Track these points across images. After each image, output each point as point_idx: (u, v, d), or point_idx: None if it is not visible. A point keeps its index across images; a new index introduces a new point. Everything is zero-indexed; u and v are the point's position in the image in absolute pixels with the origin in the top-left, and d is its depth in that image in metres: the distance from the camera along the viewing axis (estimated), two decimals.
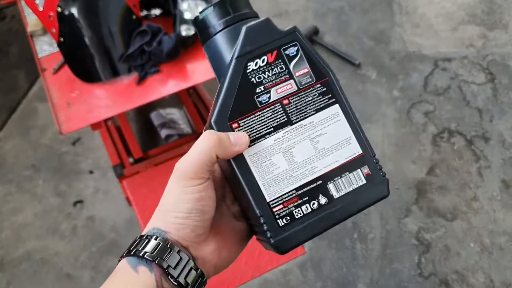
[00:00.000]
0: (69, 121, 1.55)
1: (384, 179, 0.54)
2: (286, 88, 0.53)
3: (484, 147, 2.27)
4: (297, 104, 0.53)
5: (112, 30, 1.65)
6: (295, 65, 0.54)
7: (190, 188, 0.49)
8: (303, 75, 0.54)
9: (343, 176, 0.53)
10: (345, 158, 0.53)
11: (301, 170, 0.52)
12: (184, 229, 0.49)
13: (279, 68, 0.54)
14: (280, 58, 0.54)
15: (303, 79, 0.54)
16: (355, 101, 2.54)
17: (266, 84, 0.53)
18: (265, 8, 3.12)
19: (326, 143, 0.53)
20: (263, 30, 0.54)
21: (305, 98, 0.54)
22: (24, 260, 2.09)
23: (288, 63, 0.54)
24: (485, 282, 1.87)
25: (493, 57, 2.69)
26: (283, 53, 0.54)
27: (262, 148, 0.52)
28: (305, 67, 0.54)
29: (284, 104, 0.53)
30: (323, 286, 1.91)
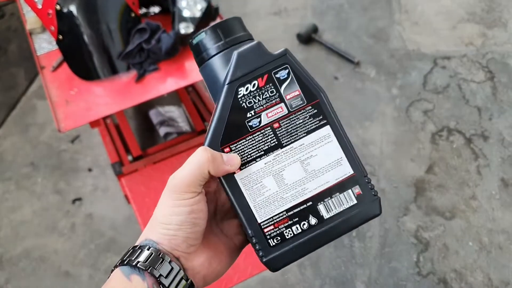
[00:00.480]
0: (68, 119, 1.55)
1: (376, 198, 0.55)
2: (276, 112, 0.54)
3: (483, 146, 2.27)
4: (287, 127, 0.54)
5: (111, 27, 1.65)
6: (286, 88, 0.54)
7: (182, 201, 0.50)
8: (294, 97, 0.54)
9: (334, 197, 0.54)
10: (335, 179, 0.54)
11: (291, 192, 0.53)
12: (175, 240, 0.50)
13: (270, 92, 0.54)
14: (271, 81, 0.54)
15: (294, 102, 0.54)
16: (354, 99, 2.54)
17: (256, 108, 0.54)
18: (265, 6, 3.12)
19: (317, 164, 0.54)
20: (254, 54, 0.54)
21: (296, 121, 0.54)
22: (23, 258, 2.09)
23: (279, 87, 0.54)
24: (483, 280, 1.87)
25: (492, 56, 2.68)
26: (273, 77, 0.54)
27: (253, 171, 0.53)
28: (296, 90, 0.55)
29: (274, 127, 0.54)
30: (321, 284, 1.91)
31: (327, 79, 2.65)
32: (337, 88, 2.61)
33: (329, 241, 0.54)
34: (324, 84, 2.62)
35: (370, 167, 2.23)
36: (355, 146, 2.12)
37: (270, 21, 3.05)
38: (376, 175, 2.20)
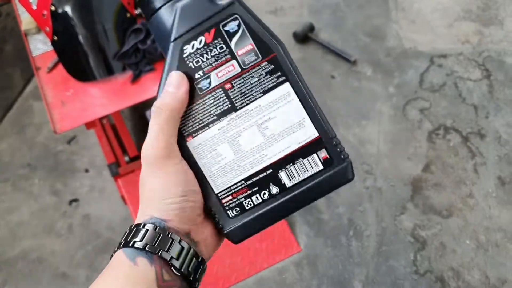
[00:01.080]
0: (64, 120, 1.55)
1: (346, 161, 0.50)
2: (228, 71, 0.49)
3: (480, 144, 2.27)
4: (241, 87, 0.49)
5: (106, 28, 1.64)
6: (237, 43, 0.49)
7: (172, 168, 0.47)
8: (247, 53, 0.49)
9: (296, 163, 0.49)
10: (298, 143, 0.49)
11: (249, 159, 0.49)
12: (184, 212, 0.47)
13: (219, 48, 0.49)
14: (219, 36, 0.49)
15: (247, 58, 0.49)
16: (351, 98, 2.53)
17: (205, 68, 0.49)
18: (261, 4, 3.12)
19: (276, 128, 0.49)
20: (199, 6, 0.48)
21: (250, 80, 0.49)
22: (20, 259, 2.09)
23: (229, 41, 0.49)
24: (480, 279, 1.88)
25: (488, 54, 2.68)
26: (222, 30, 0.49)
27: (206, 138, 0.49)
28: (249, 44, 0.49)
29: (226, 88, 0.49)
30: (319, 283, 1.91)
31: (323, 78, 2.65)
32: (333, 87, 2.60)
33: (294, 211, 0.50)
34: (321, 83, 2.62)
35: (367, 165, 2.23)
36: (352, 145, 2.12)
37: (266, 19, 3.02)
38: (373, 174, 2.20)
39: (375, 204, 2.10)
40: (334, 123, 2.41)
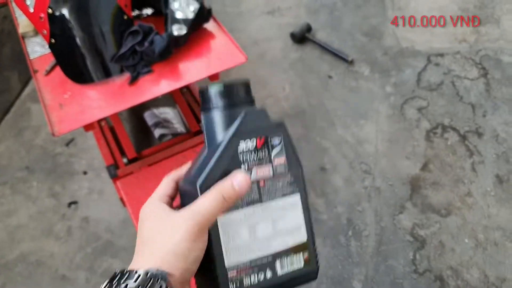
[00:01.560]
0: (62, 123, 1.55)
1: (317, 266, 0.60)
2: (264, 172, 0.59)
3: (478, 142, 2.28)
4: (269, 187, 0.59)
5: (104, 30, 1.64)
6: (276, 154, 0.60)
7: (202, 238, 0.53)
8: (280, 164, 0.60)
9: (288, 257, 0.59)
10: (294, 242, 0.59)
11: (259, 245, 0.58)
12: (187, 273, 0.52)
13: (263, 153, 0.59)
14: (266, 144, 0.59)
15: (279, 168, 0.60)
16: (349, 97, 2.54)
17: (250, 164, 0.58)
18: (259, 6, 3.12)
19: (284, 226, 0.59)
20: (258, 117, 0.60)
21: (277, 184, 0.59)
22: (19, 262, 2.09)
23: (271, 151, 0.60)
24: (479, 277, 1.88)
25: (485, 52, 2.69)
26: (269, 141, 0.60)
27: (233, 219, 0.57)
28: (283, 157, 0.60)
29: (260, 185, 0.58)
30: (318, 283, 1.91)
31: (321, 78, 2.66)
32: (331, 87, 2.61)
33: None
34: (318, 83, 2.62)
35: (365, 165, 2.23)
36: (350, 145, 2.13)
37: (264, 20, 3.05)
38: (372, 173, 2.20)
39: (373, 204, 2.10)
40: (332, 123, 2.42)
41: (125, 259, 2.03)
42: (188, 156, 1.99)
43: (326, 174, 2.22)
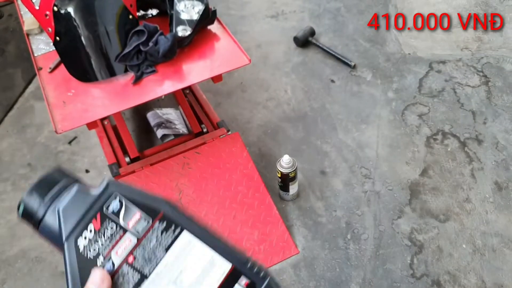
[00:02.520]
0: (65, 120, 1.56)
1: (267, 279, 0.51)
2: (125, 246, 0.50)
3: (477, 149, 2.29)
4: (143, 255, 0.49)
5: (109, 29, 1.66)
6: (125, 217, 0.50)
7: None
8: (137, 222, 0.50)
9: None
10: (217, 280, 0.49)
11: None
12: None
13: (110, 229, 0.50)
14: (106, 218, 0.50)
15: (139, 226, 0.50)
16: (351, 102, 2.55)
17: (103, 252, 0.49)
18: (263, 9, 3.14)
19: (191, 277, 0.49)
20: (78, 200, 0.51)
21: (149, 245, 0.50)
22: (19, 258, 2.09)
23: (117, 219, 0.50)
24: (477, 283, 1.89)
25: (487, 60, 2.70)
26: (107, 212, 0.50)
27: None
28: (136, 213, 0.51)
29: (129, 262, 0.49)
30: (316, 286, 1.92)
31: (323, 82, 2.67)
32: (333, 91, 2.62)
33: None
34: (321, 87, 2.63)
35: (366, 169, 2.24)
36: (351, 149, 2.13)
37: (268, 24, 3.06)
38: (371, 178, 2.21)
39: (373, 208, 2.11)
40: (333, 127, 2.43)
41: None
42: (189, 157, 2.00)
43: (326, 178, 2.23)
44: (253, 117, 2.51)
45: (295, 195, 2.14)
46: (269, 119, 2.50)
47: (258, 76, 2.74)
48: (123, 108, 1.63)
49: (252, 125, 2.48)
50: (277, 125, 2.47)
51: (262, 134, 2.44)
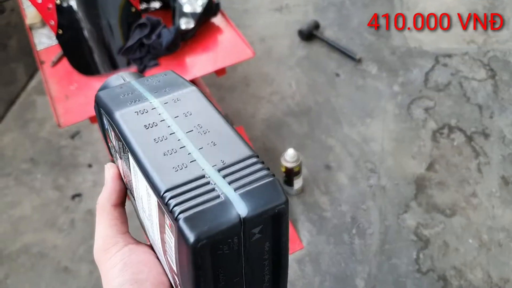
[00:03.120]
0: (68, 114, 1.55)
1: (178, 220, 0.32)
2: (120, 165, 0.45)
3: (484, 144, 2.27)
4: (127, 177, 0.44)
5: (111, 22, 1.64)
6: (111, 137, 0.45)
7: (110, 260, 0.42)
8: (116, 141, 0.44)
9: (166, 243, 0.37)
10: (156, 218, 0.38)
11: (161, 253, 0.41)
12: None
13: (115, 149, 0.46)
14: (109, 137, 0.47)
15: (117, 147, 0.44)
16: (356, 96, 2.53)
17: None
18: (266, 2, 3.11)
19: (146, 211, 0.40)
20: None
21: (125, 166, 0.43)
22: (22, 253, 2.09)
23: (112, 139, 0.46)
24: (483, 278, 1.87)
25: (494, 54, 2.68)
26: (107, 132, 0.47)
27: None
28: (112, 130, 0.44)
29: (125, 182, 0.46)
30: (321, 281, 1.91)
31: (328, 75, 2.65)
32: (338, 85, 2.60)
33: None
34: (325, 81, 2.61)
35: (371, 164, 2.23)
36: (356, 143, 2.12)
37: (271, 17, 3.04)
38: (377, 172, 2.19)
39: (378, 203, 2.10)
40: (338, 121, 2.41)
41: None
42: None
43: (331, 172, 2.22)
44: (257, 111, 2.49)
45: (299, 190, 2.13)
46: (273, 113, 2.48)
47: (262, 70, 2.72)
48: None
49: (256, 119, 2.46)
50: (281, 120, 2.45)
51: (266, 128, 2.42)
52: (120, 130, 0.40)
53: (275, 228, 0.35)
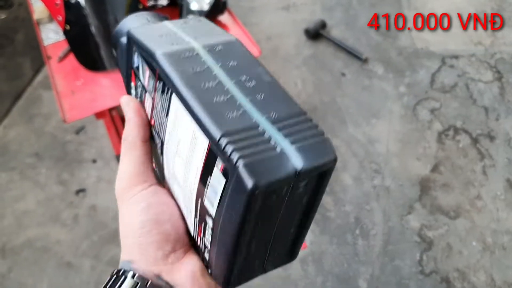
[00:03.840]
0: (74, 110, 1.55)
1: (237, 166, 0.32)
2: (148, 107, 0.45)
3: (489, 146, 2.26)
4: (157, 118, 0.43)
5: (119, 18, 1.64)
6: (143, 74, 0.44)
7: (133, 198, 0.42)
8: (148, 80, 0.43)
9: (208, 185, 0.37)
10: (201, 159, 0.37)
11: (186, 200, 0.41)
12: (147, 250, 0.40)
13: (140, 90, 0.46)
14: (136, 77, 0.46)
15: (150, 86, 0.43)
16: (361, 96, 2.52)
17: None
18: (274, 1, 3.11)
19: (185, 150, 0.39)
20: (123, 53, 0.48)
21: (157, 107, 0.43)
22: (26, 248, 2.09)
23: (141, 78, 0.45)
24: (486, 280, 1.86)
25: (501, 56, 2.67)
26: (135, 71, 0.46)
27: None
28: (146, 69, 0.43)
29: (153, 125, 0.45)
30: (323, 281, 1.90)
31: (334, 75, 2.64)
32: (344, 85, 2.59)
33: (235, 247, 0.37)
34: (331, 80, 2.61)
35: (376, 164, 2.22)
36: (361, 143, 2.11)
37: (278, 16, 3.04)
38: (381, 173, 2.19)
39: (382, 203, 2.09)
40: (343, 121, 2.41)
41: None
42: None
43: (335, 172, 2.21)
44: None
45: None
46: None
47: (268, 68, 2.70)
48: None
49: None
50: None
51: None
52: (164, 70, 0.39)
53: (318, 184, 0.37)
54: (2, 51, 2.92)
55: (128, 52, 0.46)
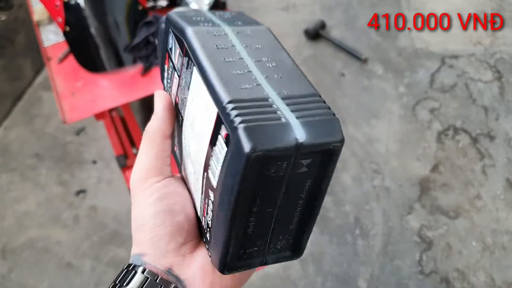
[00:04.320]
0: (74, 111, 1.55)
1: (237, 129, 0.33)
2: (176, 85, 0.46)
3: (489, 146, 2.26)
4: (181, 95, 0.44)
5: (118, 20, 1.65)
6: (174, 54, 0.46)
7: (147, 190, 0.42)
8: (178, 58, 0.44)
9: (212, 156, 0.37)
10: (210, 129, 0.37)
11: (194, 177, 0.42)
12: (159, 242, 0.40)
13: (171, 68, 0.47)
14: (169, 57, 0.48)
15: (179, 63, 0.44)
16: (361, 96, 2.53)
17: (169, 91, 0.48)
18: (273, 1, 3.11)
19: (199, 123, 0.39)
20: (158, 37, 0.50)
21: (182, 83, 0.43)
22: (26, 248, 2.10)
23: (172, 57, 0.46)
24: (486, 281, 1.87)
25: (501, 55, 2.67)
26: (168, 51, 0.47)
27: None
28: (177, 48, 0.45)
29: (177, 103, 0.45)
30: (323, 281, 1.91)
31: (334, 75, 2.65)
32: (343, 85, 2.60)
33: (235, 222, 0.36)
34: (331, 81, 2.61)
35: (375, 165, 2.23)
36: (360, 144, 2.12)
37: (278, 16, 3.04)
38: (381, 173, 2.19)
39: (382, 204, 2.10)
40: (343, 121, 2.41)
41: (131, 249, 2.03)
42: None
43: (335, 172, 2.21)
44: None
45: None
46: None
47: None
48: (132, 99, 1.62)
49: None
50: None
51: None
52: (190, 44, 0.41)
53: (322, 166, 0.36)
54: (3, 52, 2.93)
55: (165, 35, 0.48)
